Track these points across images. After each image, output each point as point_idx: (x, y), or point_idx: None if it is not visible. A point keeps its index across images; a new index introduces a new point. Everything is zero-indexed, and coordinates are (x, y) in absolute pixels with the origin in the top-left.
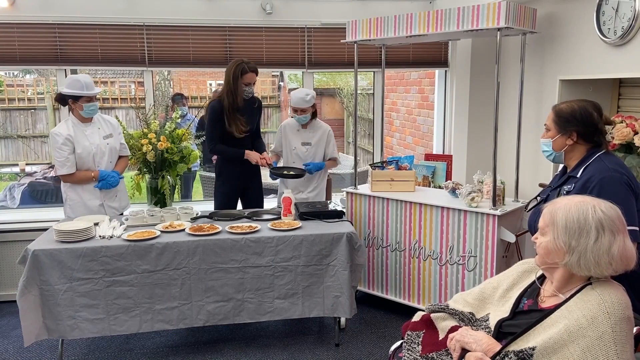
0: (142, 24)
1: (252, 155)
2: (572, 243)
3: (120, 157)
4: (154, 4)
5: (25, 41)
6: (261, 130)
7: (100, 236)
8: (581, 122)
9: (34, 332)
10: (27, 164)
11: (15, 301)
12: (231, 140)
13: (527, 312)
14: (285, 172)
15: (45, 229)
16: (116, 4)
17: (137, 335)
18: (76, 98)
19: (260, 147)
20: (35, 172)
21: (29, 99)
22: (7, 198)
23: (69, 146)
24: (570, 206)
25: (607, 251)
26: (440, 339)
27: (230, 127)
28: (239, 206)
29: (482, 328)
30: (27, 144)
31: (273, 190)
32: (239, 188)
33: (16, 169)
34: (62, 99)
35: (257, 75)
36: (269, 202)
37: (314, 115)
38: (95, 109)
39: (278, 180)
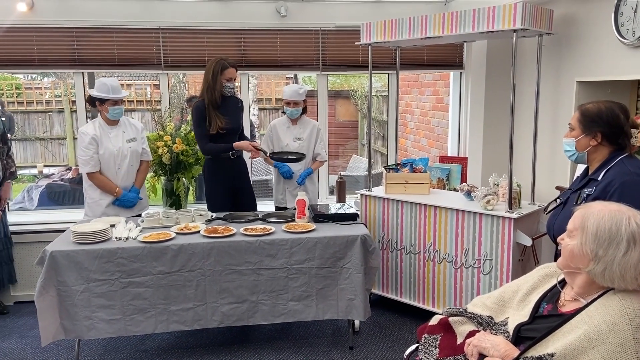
0: (158, 27)
1: (243, 145)
2: (599, 252)
3: (141, 161)
4: (169, 8)
5: (44, 45)
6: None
7: (116, 238)
8: (607, 123)
9: (52, 332)
10: (45, 166)
11: (33, 301)
12: (216, 140)
13: (546, 317)
14: (285, 157)
15: (62, 230)
16: (132, 8)
17: (152, 335)
18: (103, 101)
19: (244, 138)
20: (53, 174)
21: (47, 102)
22: (25, 199)
23: (94, 145)
24: (604, 213)
25: (635, 265)
26: (458, 343)
27: (208, 124)
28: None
29: (501, 332)
30: (44, 146)
31: (264, 188)
32: (229, 189)
33: (34, 171)
34: (91, 101)
35: (237, 70)
36: (264, 205)
37: (304, 111)
38: (120, 112)
39: (273, 179)
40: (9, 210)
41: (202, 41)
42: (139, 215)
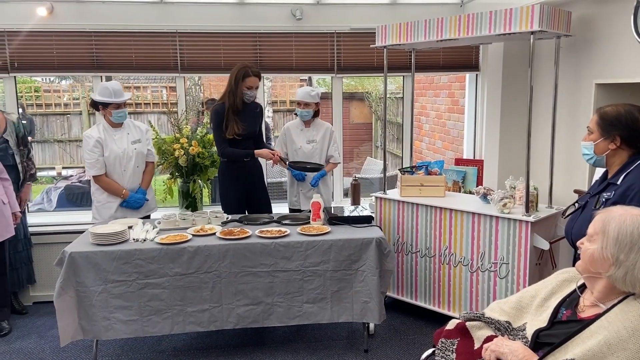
0: (175, 31)
1: (263, 153)
2: (620, 257)
3: (146, 163)
4: (186, 12)
5: (63, 49)
6: None
7: (134, 239)
8: (626, 126)
9: (70, 332)
10: (63, 168)
11: (51, 302)
12: (232, 144)
13: (565, 323)
14: (304, 166)
15: (81, 232)
16: (150, 12)
17: (169, 336)
18: (106, 105)
19: (264, 146)
20: (71, 175)
21: (65, 104)
22: (44, 201)
23: (99, 148)
24: (626, 218)
25: None
26: (475, 348)
27: (225, 128)
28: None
29: (519, 338)
30: (63, 148)
31: (278, 190)
32: (243, 191)
33: (53, 173)
34: (95, 105)
35: (259, 80)
36: (278, 206)
37: (317, 114)
38: (123, 115)
39: (287, 181)
40: (28, 212)
41: (218, 44)
42: (148, 217)
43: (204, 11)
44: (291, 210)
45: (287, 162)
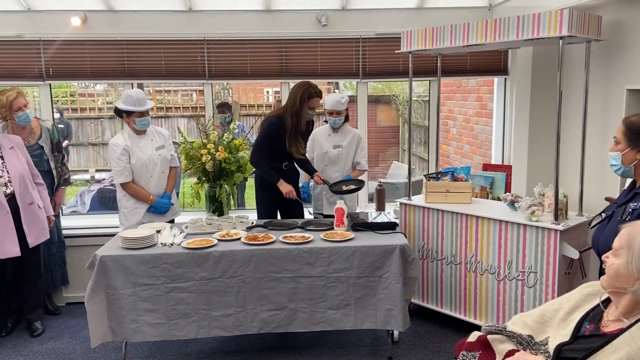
0: (203, 38)
1: (283, 187)
2: None
3: (170, 168)
4: (213, 19)
5: (96, 57)
6: None
7: (162, 243)
8: None
9: (100, 334)
10: (96, 171)
11: (83, 303)
12: (282, 155)
13: (588, 337)
14: (344, 188)
15: (112, 235)
16: (178, 20)
17: (195, 340)
18: (129, 113)
19: (310, 168)
20: (104, 179)
21: (99, 108)
22: (78, 203)
23: (126, 156)
24: None
25: None
26: None
27: (290, 147)
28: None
29: (541, 352)
30: (97, 151)
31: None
32: (279, 197)
33: (87, 176)
34: (119, 113)
35: (320, 99)
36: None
37: (347, 119)
38: (147, 122)
39: (311, 187)
40: (62, 215)
41: (244, 51)
42: (172, 221)
43: (231, 19)
44: (315, 215)
45: (329, 189)
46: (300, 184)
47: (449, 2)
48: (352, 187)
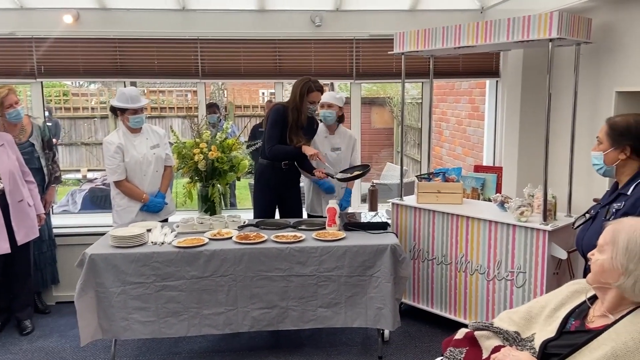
0: (196, 37)
1: (308, 150)
2: (629, 266)
3: (165, 167)
4: (207, 19)
5: (88, 55)
6: None
7: (152, 242)
8: (636, 136)
9: (90, 332)
10: (88, 170)
11: (72, 302)
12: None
13: (573, 333)
14: (351, 174)
15: (103, 234)
16: (172, 19)
17: (185, 338)
18: (123, 110)
19: (309, 166)
20: (96, 178)
21: (92, 108)
22: (69, 203)
23: (120, 154)
24: (636, 228)
25: None
26: (483, 358)
27: (290, 142)
28: (277, 215)
29: (527, 348)
30: (89, 151)
31: None
32: (277, 196)
33: (78, 175)
34: (114, 110)
35: (322, 94)
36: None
37: (341, 119)
38: (140, 120)
39: (304, 186)
40: (53, 214)
41: (238, 51)
42: (166, 220)
43: (224, 18)
44: (309, 215)
45: (336, 178)
46: (301, 183)
47: (442, 4)
48: (358, 172)
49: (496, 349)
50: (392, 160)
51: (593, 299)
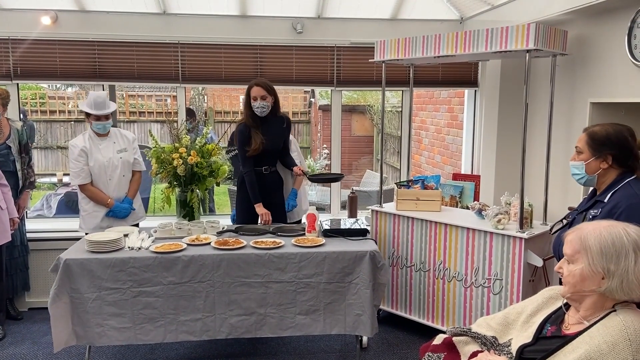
0: (177, 42)
1: (258, 210)
2: (610, 267)
3: (133, 172)
4: (188, 23)
5: (66, 57)
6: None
7: (129, 247)
8: (617, 145)
9: (64, 338)
10: (64, 174)
11: (47, 308)
12: (258, 157)
13: (549, 338)
14: (323, 177)
15: (78, 238)
16: (152, 23)
17: (161, 345)
18: (88, 114)
19: (290, 163)
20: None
21: (69, 112)
22: (44, 207)
23: (84, 157)
24: (601, 230)
25: None
26: None
27: (254, 144)
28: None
29: (504, 353)
30: (65, 155)
31: None
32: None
33: (54, 179)
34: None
35: (264, 89)
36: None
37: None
38: (102, 127)
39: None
40: (27, 218)
41: (219, 56)
42: (137, 226)
43: (206, 23)
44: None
45: (307, 176)
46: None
47: (422, 14)
48: (331, 177)
49: (474, 354)
50: (371, 167)
51: (568, 305)
